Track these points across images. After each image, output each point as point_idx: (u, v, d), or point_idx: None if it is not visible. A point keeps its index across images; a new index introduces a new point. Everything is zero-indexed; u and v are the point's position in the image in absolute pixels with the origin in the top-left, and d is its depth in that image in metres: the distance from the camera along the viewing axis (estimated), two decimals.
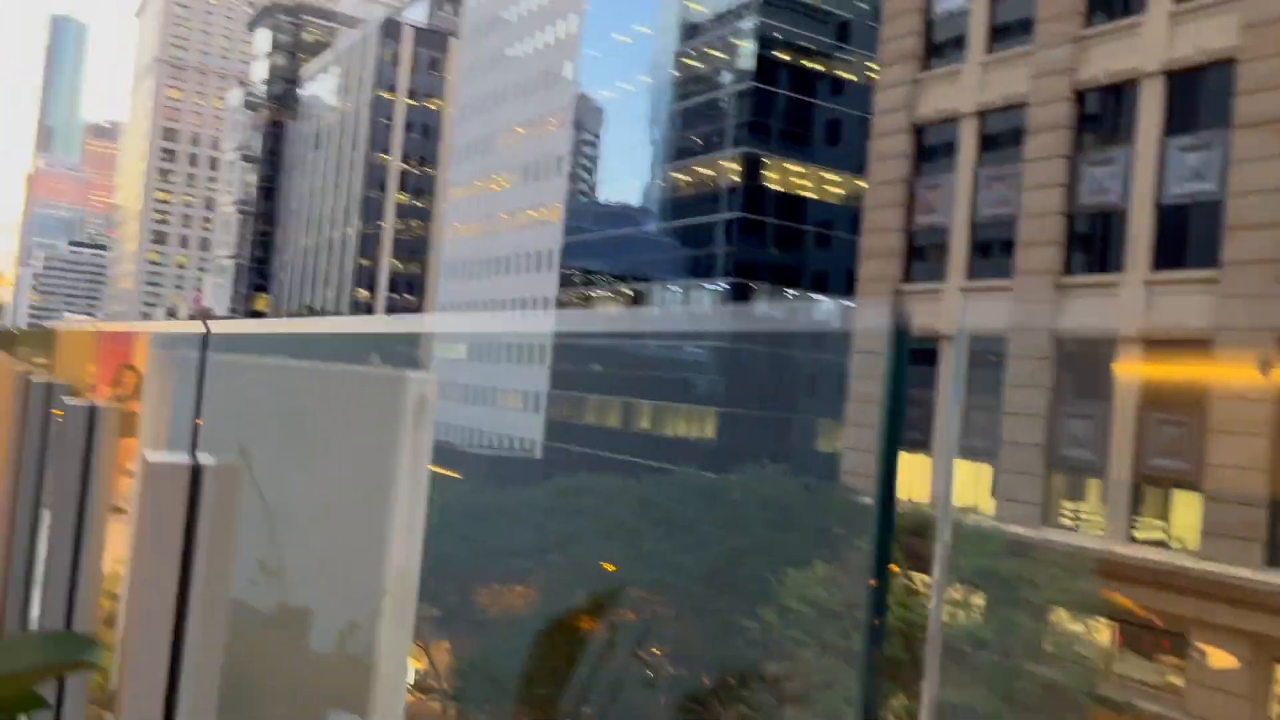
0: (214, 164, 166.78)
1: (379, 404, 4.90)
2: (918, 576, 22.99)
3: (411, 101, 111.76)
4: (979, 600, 21.39)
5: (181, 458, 2.06)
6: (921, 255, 31.10)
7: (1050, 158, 27.24)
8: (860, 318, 32.40)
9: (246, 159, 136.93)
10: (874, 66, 37.37)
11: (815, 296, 62.92)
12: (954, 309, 28.88)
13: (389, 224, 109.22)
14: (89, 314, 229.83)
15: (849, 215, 57.93)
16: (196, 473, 2.01)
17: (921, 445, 27.62)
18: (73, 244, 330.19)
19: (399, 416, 4.74)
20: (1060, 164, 27.01)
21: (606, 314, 72.25)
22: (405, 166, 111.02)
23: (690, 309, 64.14)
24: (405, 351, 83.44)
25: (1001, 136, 29.15)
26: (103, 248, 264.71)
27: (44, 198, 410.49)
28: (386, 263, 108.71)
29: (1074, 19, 27.34)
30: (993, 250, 28.73)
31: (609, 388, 69.53)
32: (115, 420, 3.54)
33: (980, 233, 29.21)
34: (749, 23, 61.92)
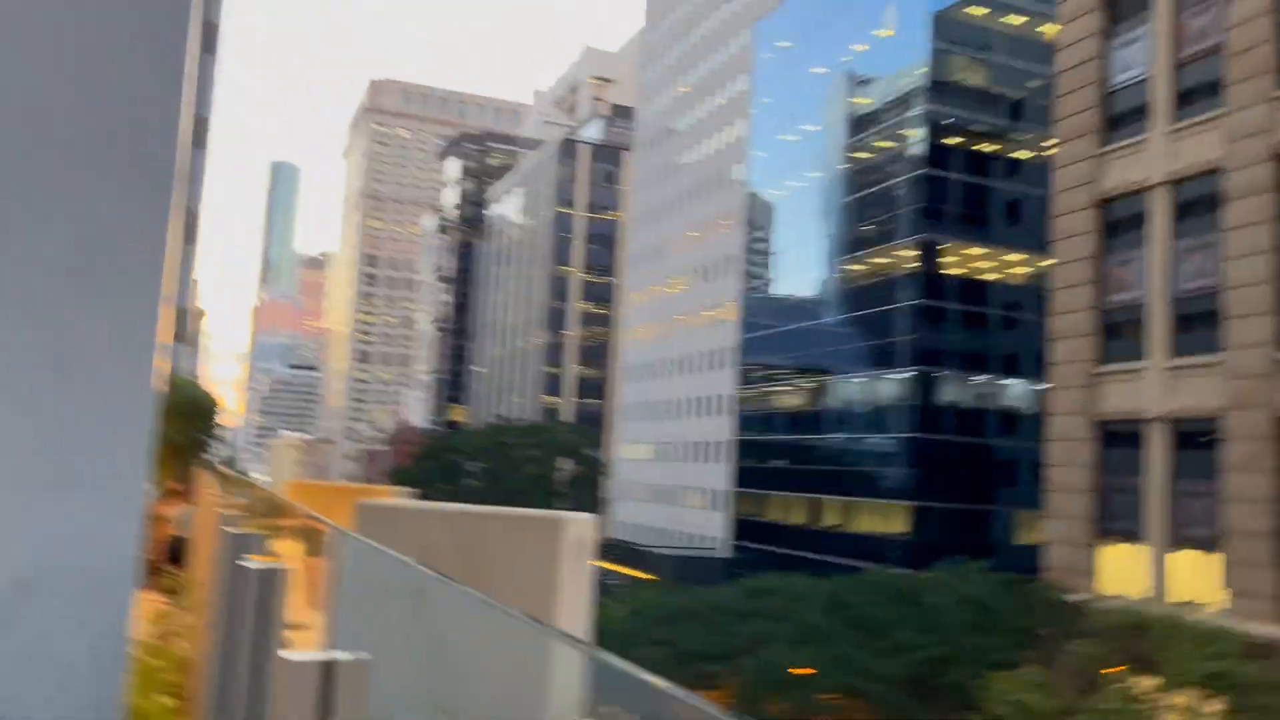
0: (411, 285, 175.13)
1: (540, 544, 5.21)
2: (1138, 680, 20.90)
3: (590, 214, 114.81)
4: (1212, 708, 19.23)
5: (313, 655, 2.09)
6: (1116, 333, 29.24)
7: (1253, 224, 25.29)
8: (1055, 402, 30.62)
9: (440, 279, 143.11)
10: (1051, 143, 35.99)
11: (1005, 381, 60.43)
12: (1157, 389, 26.91)
13: (572, 332, 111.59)
14: (303, 430, 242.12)
15: (1035, 296, 55.64)
16: (329, 668, 2.05)
17: (1132, 535, 25.62)
18: (291, 367, 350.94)
19: (558, 556, 5.08)
20: (1265, 229, 25.04)
21: (786, 409, 71.26)
22: (586, 276, 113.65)
23: (874, 399, 62.49)
24: (591, 456, 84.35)
25: (1196, 205, 27.32)
26: (315, 369, 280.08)
27: (266, 326, 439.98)
28: (571, 369, 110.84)
29: (1268, 78, 25.61)
30: (1195, 325, 26.74)
31: (794, 483, 68.16)
32: (291, 580, 3.66)
33: (1180, 307, 27.24)
34: (917, 110, 61.07)
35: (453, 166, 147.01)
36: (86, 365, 2.51)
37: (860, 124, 66.80)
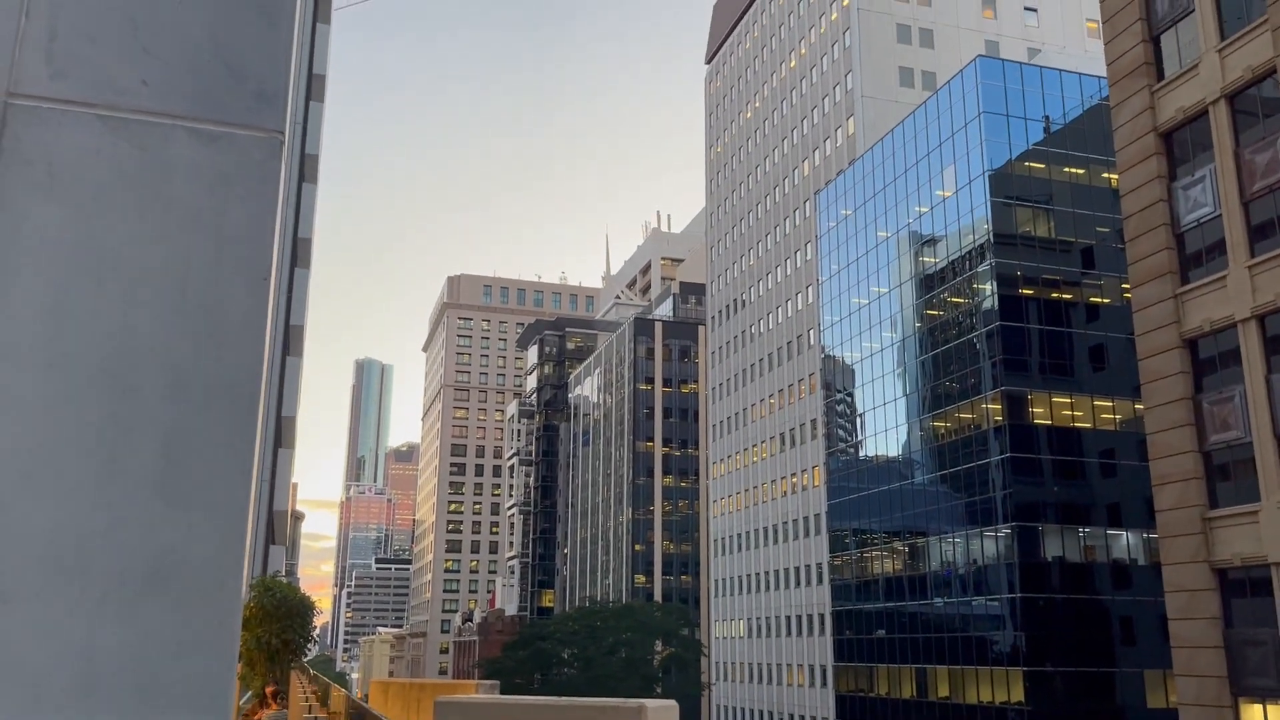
0: (497, 471, 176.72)
1: None
2: None
3: (668, 389, 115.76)
4: None
5: None
6: (1225, 474, 28.22)
7: None
8: (1169, 551, 29.39)
9: (524, 463, 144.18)
10: (1128, 287, 35.70)
11: (1111, 532, 58.33)
12: (1277, 533, 25.71)
13: (658, 508, 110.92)
14: (396, 626, 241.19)
15: (1133, 441, 54.25)
16: None
17: (1273, 693, 24.02)
18: (379, 561, 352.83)
19: None
20: None
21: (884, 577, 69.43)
22: (668, 450, 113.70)
23: (975, 559, 60.63)
24: (686, 636, 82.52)
25: None
26: (406, 562, 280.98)
27: (356, 521, 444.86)
28: (659, 546, 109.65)
29: None
30: None
31: (898, 653, 65.75)
32: None
33: None
34: (985, 265, 61.31)
35: (532, 353, 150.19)
36: (179, 579, 2.57)
37: (930, 283, 67.12)
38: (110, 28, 2.58)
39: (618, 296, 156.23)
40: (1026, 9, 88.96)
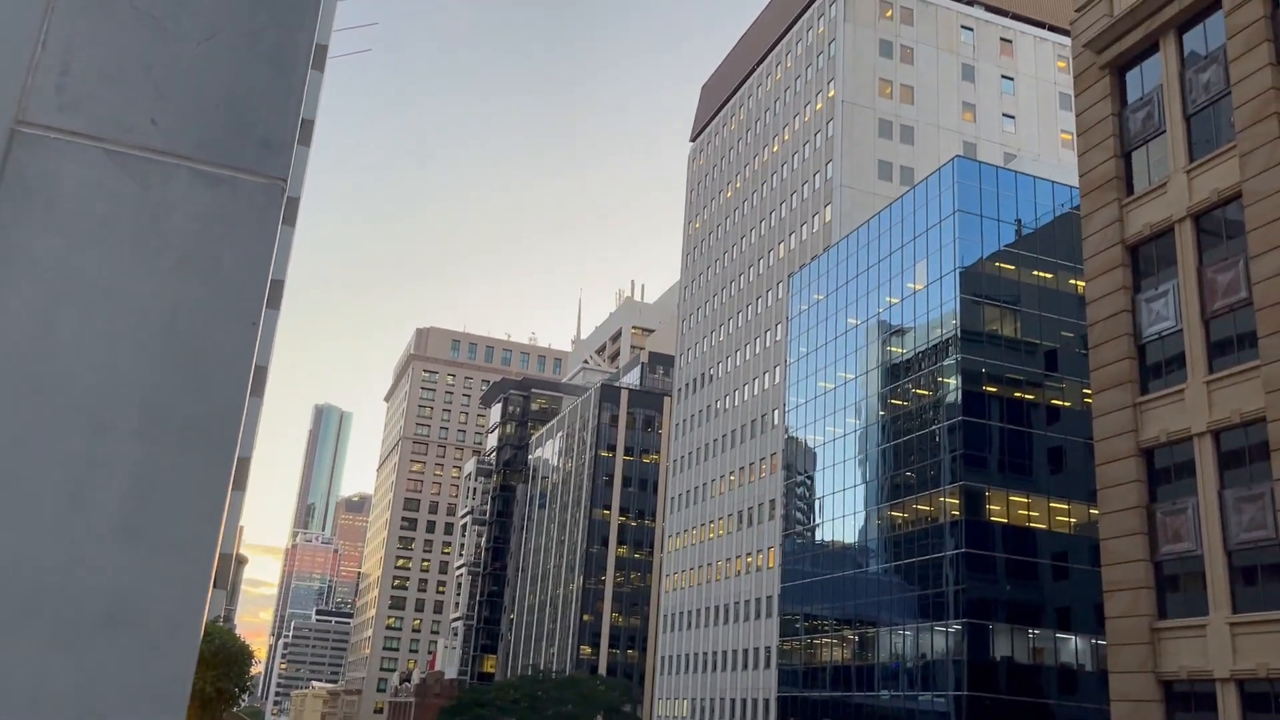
0: (449, 529, 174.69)
1: None
2: None
3: (629, 457, 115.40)
4: None
5: None
6: (1175, 585, 28.39)
7: None
8: (1116, 659, 29.41)
9: (477, 522, 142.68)
10: (1089, 392, 36.15)
11: (1060, 635, 58.29)
12: (1223, 647, 25.82)
13: (609, 578, 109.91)
14: (332, 681, 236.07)
15: (1086, 546, 54.50)
16: None
17: None
18: (320, 613, 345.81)
19: None
20: None
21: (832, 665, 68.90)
22: (624, 519, 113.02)
23: (923, 653, 60.31)
24: (628, 714, 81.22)
25: (1243, 453, 27.12)
26: (348, 615, 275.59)
27: (300, 569, 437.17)
28: (608, 617, 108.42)
29: None
30: (1257, 578, 25.93)
31: None
32: None
33: (1238, 559, 26.54)
34: (950, 360, 61.91)
35: (495, 411, 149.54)
36: (136, 622, 2.52)
37: (896, 372, 67.62)
38: (125, 67, 2.60)
39: (586, 361, 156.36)
40: (1005, 115, 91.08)
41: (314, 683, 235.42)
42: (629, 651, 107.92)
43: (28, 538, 2.30)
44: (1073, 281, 60.54)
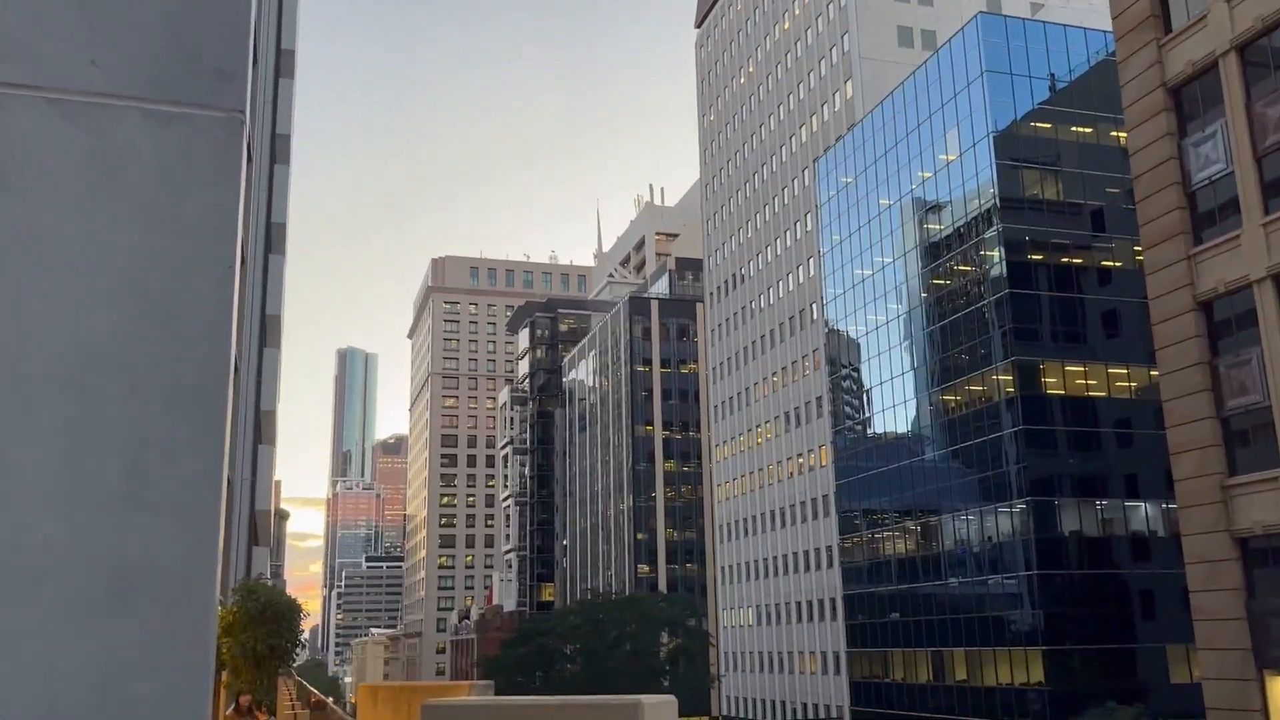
0: (490, 461, 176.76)
1: None
2: None
3: (666, 369, 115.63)
4: None
5: None
6: (1244, 440, 28.24)
7: None
8: (1188, 521, 29.46)
9: (518, 452, 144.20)
10: (1139, 249, 35.63)
11: (1129, 504, 58.46)
12: None
13: (660, 494, 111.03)
14: (390, 626, 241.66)
15: (1149, 409, 54.28)
16: None
17: None
18: (369, 560, 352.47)
19: None
20: None
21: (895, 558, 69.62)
22: (668, 434, 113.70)
23: (989, 537, 60.74)
24: (693, 627, 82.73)
25: None
26: (398, 559, 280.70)
27: (344, 518, 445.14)
28: (662, 534, 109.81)
29: None
30: None
31: (913, 637, 65.95)
32: None
33: None
34: (992, 231, 61.20)
35: (523, 337, 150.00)
36: (146, 589, 2.53)
37: (935, 251, 67.05)
38: (55, 6, 2.51)
39: (611, 275, 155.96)
40: None
41: (373, 630, 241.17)
42: (687, 565, 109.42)
43: (25, 514, 2.30)
44: (1114, 134, 59.38)
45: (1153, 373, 56.19)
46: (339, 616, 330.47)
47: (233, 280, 2.50)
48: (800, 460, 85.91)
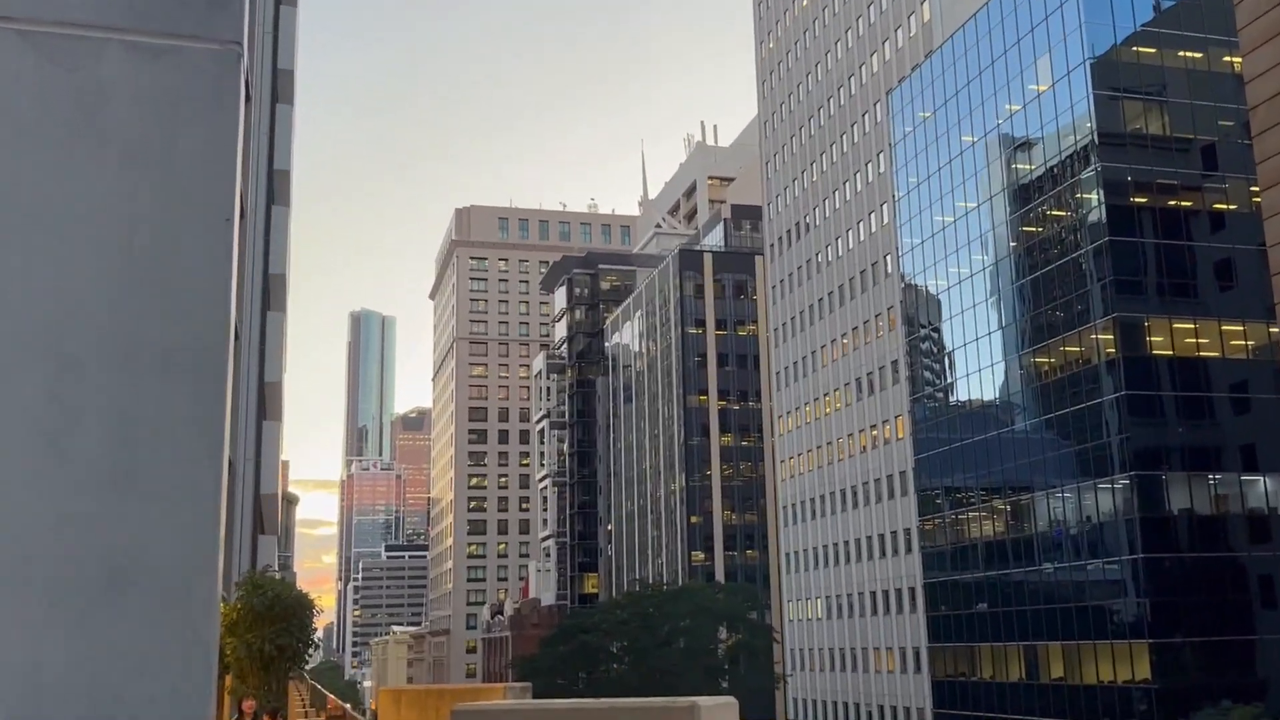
0: (525, 437, 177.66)
1: None
2: None
3: (722, 332, 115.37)
4: None
5: None
6: None
7: None
8: None
9: (556, 426, 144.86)
10: (1256, 189, 34.97)
11: (1246, 478, 57.78)
12: None
13: (716, 472, 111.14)
14: (414, 624, 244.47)
15: (1269, 371, 53.57)
16: None
17: None
18: (389, 549, 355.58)
19: None
20: None
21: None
22: (725, 404, 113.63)
23: (1089, 516, 60.36)
24: (754, 621, 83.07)
25: None
26: (422, 548, 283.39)
27: (360, 502, 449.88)
28: (719, 517, 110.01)
29: None
30: None
31: (1003, 630, 65.78)
32: None
33: None
34: (1089, 171, 60.38)
35: (559, 296, 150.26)
36: (140, 582, 2.54)
37: (1026, 194, 66.44)
38: None
39: (658, 225, 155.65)
40: None
41: (394, 628, 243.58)
42: (748, 552, 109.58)
43: (6, 498, 2.29)
44: (1228, 59, 58.29)
45: (1272, 329, 55.46)
46: (356, 613, 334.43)
47: (231, 234, 2.48)
48: (874, 432, 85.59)
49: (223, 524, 2.43)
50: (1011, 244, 67.25)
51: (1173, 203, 60.18)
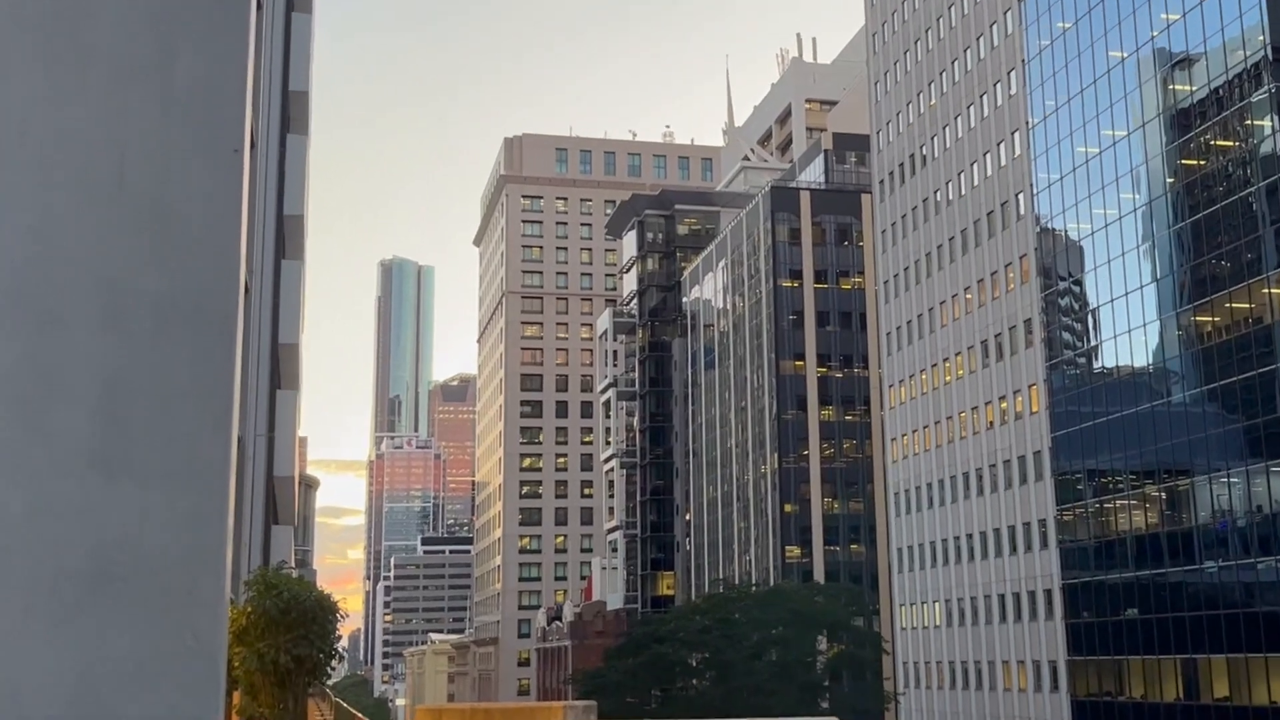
0: (587, 410, 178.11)
1: None
2: None
3: (822, 285, 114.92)
4: None
5: None
6: None
7: None
8: None
9: (624, 396, 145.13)
10: None
11: None
12: None
13: (814, 453, 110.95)
14: (456, 631, 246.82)
15: None
16: None
17: None
18: (426, 542, 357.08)
19: None
20: None
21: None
22: (825, 371, 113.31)
23: (1266, 505, 59.81)
24: (860, 628, 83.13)
25: None
26: (465, 541, 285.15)
27: (393, 487, 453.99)
28: (818, 505, 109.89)
29: None
30: None
31: (1157, 641, 65.49)
32: None
33: None
34: (1262, 92, 59.63)
35: (628, 242, 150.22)
36: (134, 580, 2.55)
37: (1185, 119, 66.11)
38: None
39: (746, 157, 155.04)
40: None
41: (432, 636, 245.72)
42: (852, 547, 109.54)
43: None
44: None
45: None
46: (387, 618, 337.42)
47: (240, 168, 2.47)
48: (1003, 405, 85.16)
49: (231, 511, 2.43)
50: (1168, 180, 66.75)
51: None
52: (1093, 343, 74.08)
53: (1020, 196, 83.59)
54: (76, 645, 2.14)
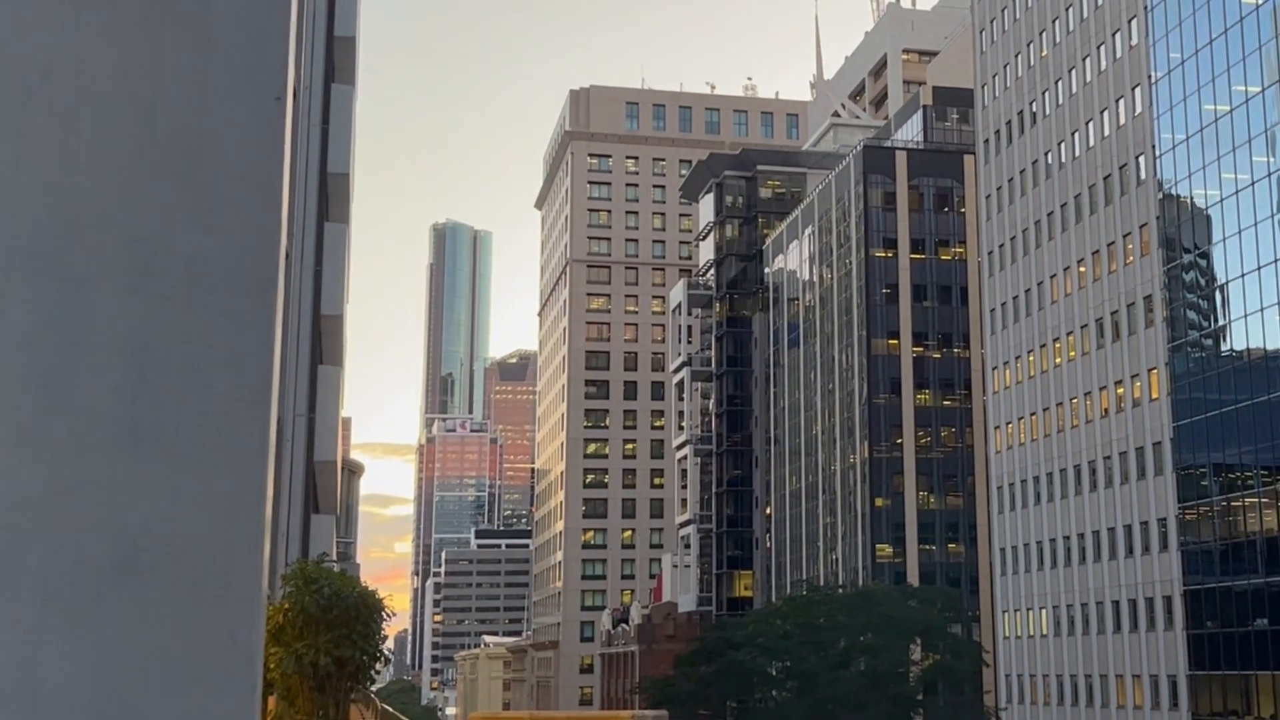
0: (658, 391, 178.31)
1: None
2: None
3: (919, 255, 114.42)
4: None
5: None
6: None
7: None
8: None
9: (699, 377, 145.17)
10: None
11: None
12: None
13: (909, 441, 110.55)
14: (513, 634, 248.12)
15: None
16: None
17: None
18: (481, 535, 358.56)
19: None
20: None
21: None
22: (922, 351, 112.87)
23: None
24: (958, 637, 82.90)
25: None
26: (524, 534, 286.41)
27: (444, 475, 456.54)
28: (913, 500, 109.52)
29: None
30: None
31: None
32: None
33: None
34: None
35: (705, 206, 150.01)
36: (162, 572, 2.56)
37: None
38: None
39: (836, 113, 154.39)
40: None
41: (486, 638, 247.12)
42: (950, 546, 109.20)
43: None
44: None
45: None
46: (437, 618, 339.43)
47: (282, 117, 2.46)
48: (1119, 391, 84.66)
49: (269, 499, 2.42)
50: None
51: None
52: (1221, 322, 73.56)
53: (1141, 159, 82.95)
54: (99, 641, 2.14)
